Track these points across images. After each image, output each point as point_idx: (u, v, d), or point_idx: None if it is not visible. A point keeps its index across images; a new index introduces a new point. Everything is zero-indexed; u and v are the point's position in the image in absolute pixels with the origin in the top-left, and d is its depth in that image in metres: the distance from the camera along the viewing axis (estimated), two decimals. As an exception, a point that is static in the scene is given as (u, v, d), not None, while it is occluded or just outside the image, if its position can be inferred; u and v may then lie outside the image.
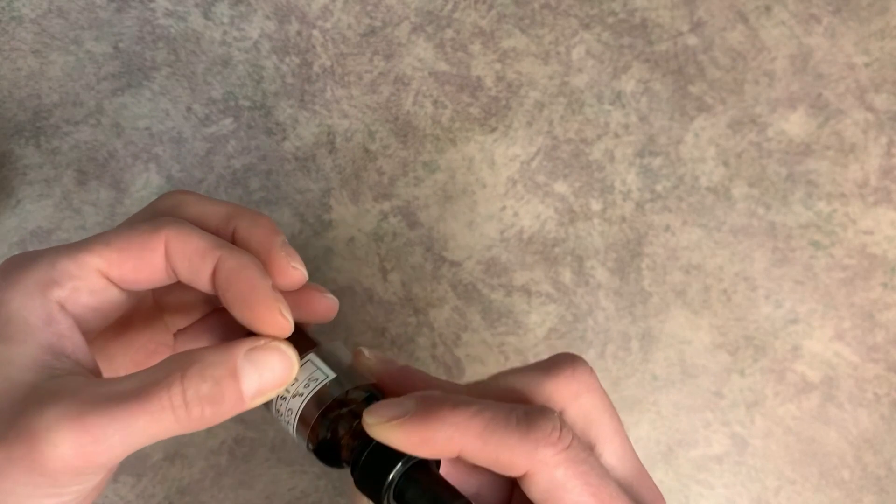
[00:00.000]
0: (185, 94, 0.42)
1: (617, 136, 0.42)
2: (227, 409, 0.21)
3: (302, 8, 0.43)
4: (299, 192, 0.42)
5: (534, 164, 0.42)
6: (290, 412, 0.23)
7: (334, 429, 0.23)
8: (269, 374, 0.21)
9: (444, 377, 0.25)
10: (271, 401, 0.24)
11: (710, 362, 0.41)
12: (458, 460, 0.22)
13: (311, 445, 0.23)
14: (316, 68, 0.43)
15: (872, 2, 0.42)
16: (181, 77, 0.42)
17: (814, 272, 0.41)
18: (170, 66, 0.42)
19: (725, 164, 0.42)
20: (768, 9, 0.42)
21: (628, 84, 0.42)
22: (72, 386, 0.20)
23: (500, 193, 0.42)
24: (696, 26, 0.42)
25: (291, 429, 0.24)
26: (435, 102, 0.42)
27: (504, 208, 0.42)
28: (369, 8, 0.43)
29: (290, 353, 0.22)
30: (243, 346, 0.21)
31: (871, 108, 0.41)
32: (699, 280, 0.41)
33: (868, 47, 0.42)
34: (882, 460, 0.40)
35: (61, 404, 0.19)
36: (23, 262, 0.22)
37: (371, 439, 0.22)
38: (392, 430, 0.21)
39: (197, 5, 0.43)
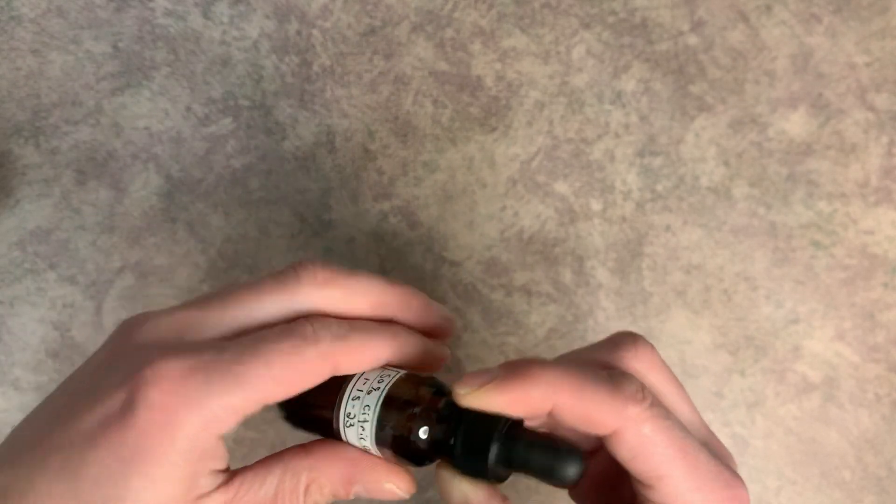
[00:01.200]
0: (185, 94, 0.42)
1: (617, 135, 0.42)
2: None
3: (301, 7, 0.43)
4: (299, 191, 0.42)
5: (534, 164, 0.42)
6: (363, 423, 0.23)
7: (418, 422, 0.23)
8: (379, 496, 0.23)
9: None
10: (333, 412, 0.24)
11: (711, 362, 0.41)
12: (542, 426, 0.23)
13: (395, 442, 0.23)
14: (315, 68, 0.42)
15: (873, 1, 0.42)
16: (180, 77, 0.42)
17: (814, 272, 0.41)
18: (169, 65, 0.42)
19: (726, 163, 0.42)
20: (769, 8, 0.42)
21: (629, 84, 0.42)
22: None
23: (501, 193, 0.42)
24: (697, 26, 0.42)
25: (369, 427, 0.23)
26: (435, 102, 0.42)
27: (504, 208, 0.42)
28: (369, 7, 0.43)
29: (400, 490, 0.23)
30: (361, 477, 0.23)
31: (871, 108, 0.41)
32: (700, 280, 0.41)
33: (869, 47, 0.41)
34: (883, 461, 0.40)
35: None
36: (195, 387, 0.21)
37: (461, 416, 0.22)
38: (487, 394, 0.22)
39: (196, 5, 0.43)
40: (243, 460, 0.41)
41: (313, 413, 0.25)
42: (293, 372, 0.22)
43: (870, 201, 0.41)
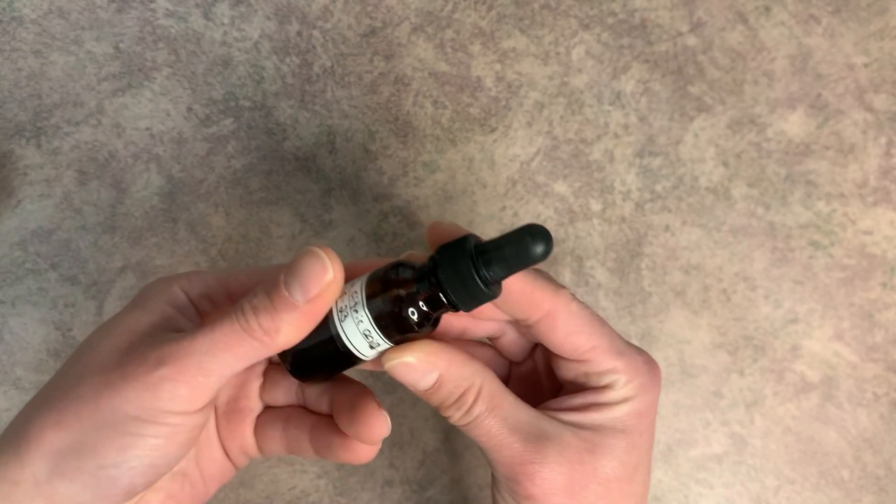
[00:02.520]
0: (186, 95, 0.42)
1: (616, 136, 0.42)
2: (284, 317, 0.23)
3: (302, 8, 0.43)
4: (300, 192, 0.42)
5: (533, 165, 0.42)
6: (355, 305, 0.25)
7: (406, 303, 0.25)
8: (308, 273, 0.24)
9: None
10: (336, 319, 0.25)
11: (710, 362, 0.41)
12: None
13: (399, 325, 0.25)
14: (316, 69, 0.43)
15: (872, 2, 0.42)
16: (182, 77, 0.43)
17: (813, 272, 0.41)
18: (170, 66, 0.43)
19: (725, 164, 0.42)
20: (768, 9, 0.42)
21: (628, 84, 0.42)
22: (175, 337, 0.24)
23: (500, 194, 0.42)
24: (696, 27, 0.42)
25: (373, 330, 0.25)
26: (435, 103, 0.42)
27: (504, 208, 0.42)
28: (369, 8, 0.43)
29: (322, 252, 0.24)
30: (282, 271, 0.24)
31: (870, 109, 0.41)
32: (699, 280, 0.42)
33: (867, 48, 0.42)
34: (881, 460, 0.41)
35: (167, 340, 0.24)
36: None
37: (435, 270, 0.24)
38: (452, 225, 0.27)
39: (197, 6, 0.43)
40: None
41: (319, 356, 0.26)
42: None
43: (868, 201, 0.41)
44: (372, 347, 0.26)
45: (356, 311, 0.25)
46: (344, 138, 0.42)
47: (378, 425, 0.27)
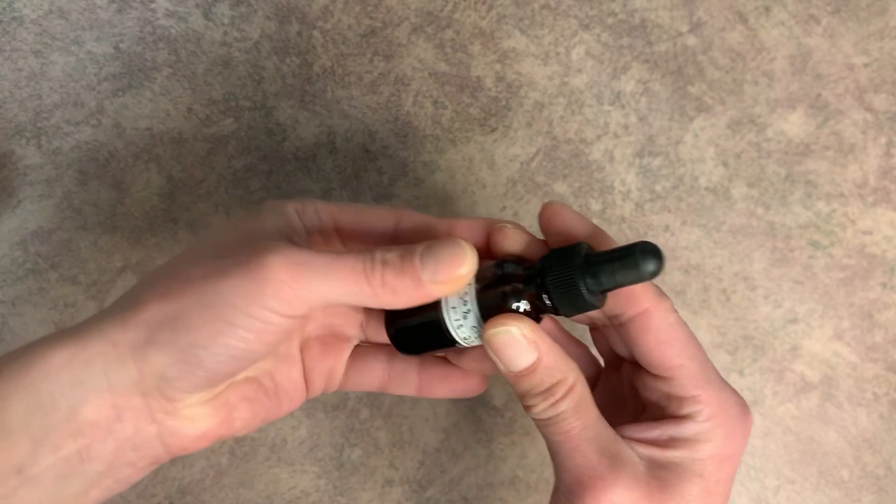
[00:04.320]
0: (186, 95, 0.43)
1: (616, 136, 0.42)
2: (405, 284, 0.24)
3: (302, 9, 0.43)
4: (300, 192, 0.42)
5: (533, 165, 0.42)
6: (464, 295, 0.26)
7: (511, 299, 0.26)
8: (445, 260, 0.25)
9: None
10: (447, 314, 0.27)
11: (710, 362, 0.41)
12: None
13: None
14: (316, 69, 0.43)
15: (871, 2, 0.42)
16: (182, 77, 0.43)
17: (813, 272, 0.41)
18: (170, 66, 0.43)
19: (725, 164, 0.42)
20: (767, 9, 0.42)
21: (628, 84, 0.42)
22: (293, 247, 0.25)
23: (500, 194, 0.42)
24: (696, 27, 0.42)
25: (472, 305, 0.26)
26: (435, 103, 0.43)
27: (504, 208, 0.42)
28: (369, 8, 0.43)
29: (466, 247, 0.25)
30: (424, 243, 0.25)
31: (870, 109, 0.41)
32: (698, 280, 0.42)
33: (867, 48, 0.42)
34: (881, 460, 0.41)
35: (284, 247, 0.24)
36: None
37: (542, 273, 0.25)
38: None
39: (198, 6, 0.43)
40: (244, 460, 0.41)
41: (423, 335, 0.28)
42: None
43: (868, 201, 0.41)
44: (471, 336, 0.27)
45: (465, 302, 0.26)
46: (344, 138, 0.42)
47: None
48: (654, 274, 0.24)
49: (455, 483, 0.42)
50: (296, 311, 0.24)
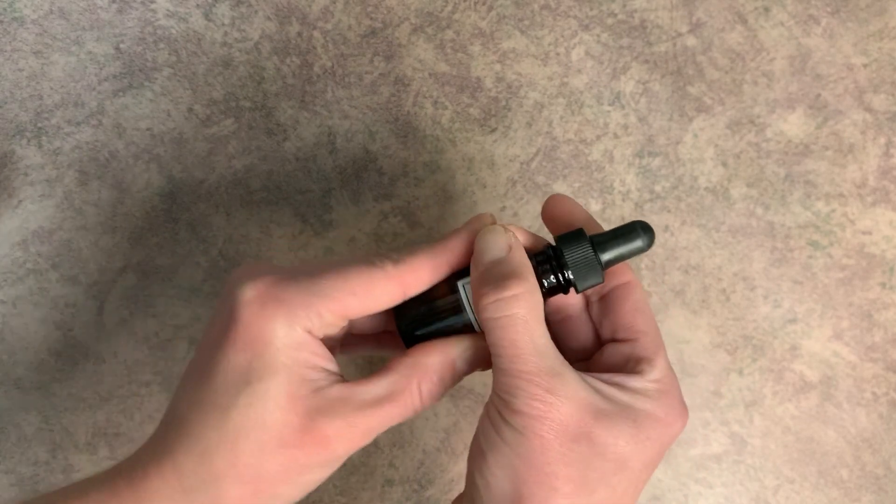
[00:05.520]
0: (187, 95, 0.43)
1: (616, 136, 0.42)
2: (446, 391, 0.28)
3: (303, 9, 0.43)
4: (300, 192, 0.42)
5: (533, 165, 0.42)
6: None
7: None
8: (476, 361, 0.29)
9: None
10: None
11: (709, 362, 0.41)
12: None
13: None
14: (316, 69, 0.43)
15: (871, 3, 0.42)
16: (182, 78, 0.43)
17: (812, 272, 0.41)
18: (171, 66, 0.43)
19: (724, 164, 0.42)
20: (767, 10, 0.42)
21: (627, 85, 0.42)
22: (338, 396, 0.26)
23: (500, 194, 0.42)
24: (695, 27, 0.42)
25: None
26: (435, 103, 0.43)
27: (504, 208, 0.42)
28: (370, 9, 0.43)
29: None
30: (455, 349, 0.28)
31: (869, 109, 0.42)
32: (698, 280, 0.42)
33: (866, 48, 0.42)
34: (880, 459, 0.41)
35: (340, 416, 0.26)
36: (274, 296, 0.27)
37: (558, 257, 0.28)
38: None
39: (198, 6, 0.43)
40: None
41: (442, 325, 0.30)
42: (365, 286, 0.27)
43: (867, 201, 0.41)
44: None
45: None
46: (344, 138, 0.43)
47: None
48: (650, 244, 0.28)
49: (455, 483, 0.42)
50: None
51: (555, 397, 0.25)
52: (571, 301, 0.31)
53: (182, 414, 0.26)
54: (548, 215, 0.31)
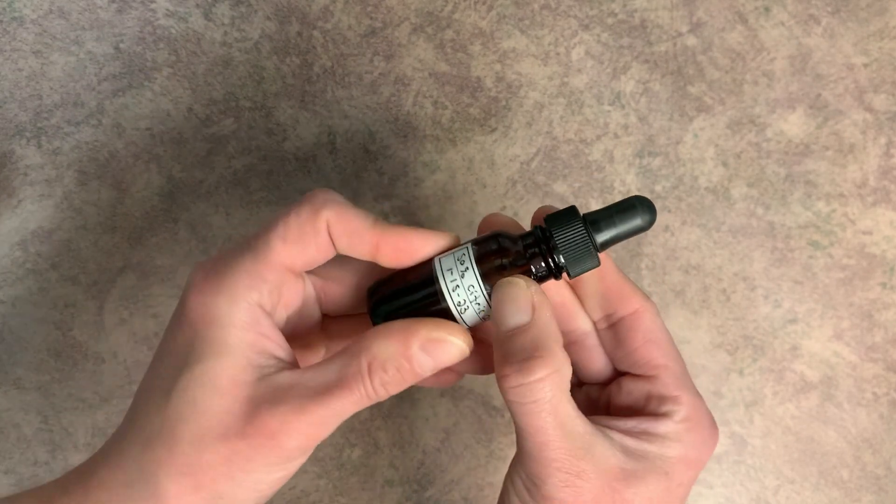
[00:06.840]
0: (186, 95, 0.43)
1: (616, 136, 0.42)
2: (408, 383, 0.25)
3: (302, 9, 0.43)
4: (300, 192, 0.42)
5: (533, 165, 0.42)
6: (471, 290, 0.25)
7: (512, 270, 0.26)
8: (443, 357, 0.25)
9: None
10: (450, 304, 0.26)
11: (709, 362, 0.41)
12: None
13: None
14: (316, 69, 0.43)
15: (871, 2, 0.42)
16: (182, 78, 0.43)
17: (813, 272, 0.41)
18: (171, 66, 0.43)
19: (724, 164, 0.42)
20: (767, 9, 0.42)
21: (628, 85, 0.42)
22: (286, 383, 0.24)
23: (500, 194, 0.42)
24: (696, 27, 0.42)
25: (483, 299, 0.25)
26: (435, 103, 0.43)
27: (504, 208, 0.42)
28: (369, 9, 0.43)
29: (459, 341, 0.24)
30: (416, 340, 0.24)
31: (869, 109, 0.41)
32: (698, 280, 0.42)
33: (867, 48, 0.42)
34: (881, 460, 0.41)
35: (286, 403, 0.24)
36: (215, 271, 0.25)
37: (547, 239, 0.25)
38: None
39: (198, 6, 0.43)
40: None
41: (411, 305, 0.26)
42: (295, 230, 0.25)
43: (868, 201, 0.41)
44: (467, 310, 0.26)
45: (478, 304, 0.25)
46: (344, 138, 0.43)
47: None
48: (651, 223, 0.25)
49: (455, 483, 0.42)
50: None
51: (584, 480, 0.24)
52: (580, 328, 0.29)
53: (134, 402, 0.25)
54: (538, 215, 0.28)
